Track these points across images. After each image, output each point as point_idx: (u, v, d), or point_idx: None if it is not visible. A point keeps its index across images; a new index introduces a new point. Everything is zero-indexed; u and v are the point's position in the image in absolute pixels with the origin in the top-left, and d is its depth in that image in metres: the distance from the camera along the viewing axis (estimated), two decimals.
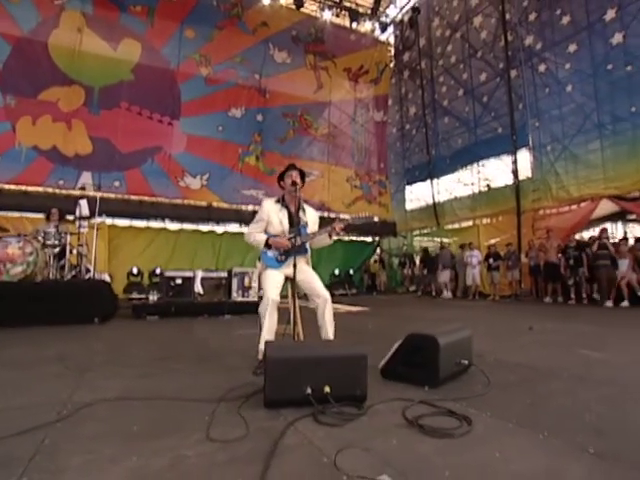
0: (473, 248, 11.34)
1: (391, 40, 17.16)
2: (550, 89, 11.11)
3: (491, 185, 13.55)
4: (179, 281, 6.63)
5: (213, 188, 12.63)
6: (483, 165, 13.75)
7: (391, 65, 16.83)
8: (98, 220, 6.86)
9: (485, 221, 13.31)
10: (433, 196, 15.52)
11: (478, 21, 13.32)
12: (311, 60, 14.69)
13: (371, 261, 16.05)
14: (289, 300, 3.24)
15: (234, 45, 13.36)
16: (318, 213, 3.49)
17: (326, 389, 2.05)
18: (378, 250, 16.84)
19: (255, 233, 3.20)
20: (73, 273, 6.51)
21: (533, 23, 11.58)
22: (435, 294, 12.44)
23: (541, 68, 11.34)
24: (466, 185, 14.42)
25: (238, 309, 6.84)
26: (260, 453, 1.57)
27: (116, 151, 11.63)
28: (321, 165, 14.97)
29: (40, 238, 6.23)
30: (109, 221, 10.50)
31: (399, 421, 1.92)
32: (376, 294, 14.08)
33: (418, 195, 16.91)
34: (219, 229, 12.90)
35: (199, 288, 6.83)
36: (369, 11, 15.77)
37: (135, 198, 11.78)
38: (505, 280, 10.93)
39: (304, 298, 3.10)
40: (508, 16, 12.21)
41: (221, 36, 13.13)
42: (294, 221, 3.19)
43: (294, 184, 3.15)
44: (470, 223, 13.78)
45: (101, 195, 7.55)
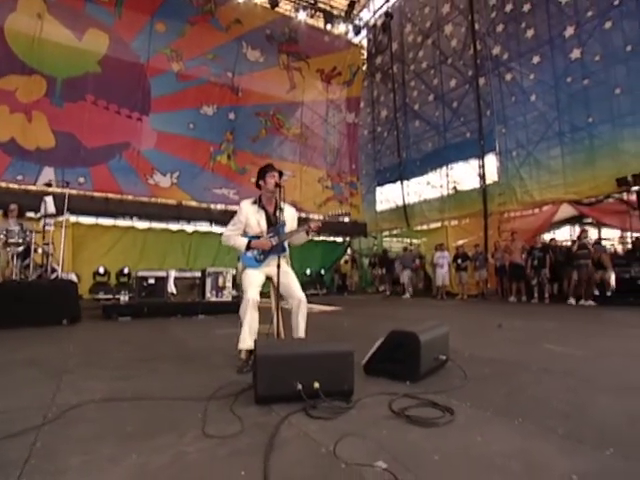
0: (443, 249, 11.73)
1: (364, 43, 17.52)
2: (516, 98, 11.72)
3: (458, 188, 14.06)
4: (152, 281, 6.51)
5: (183, 186, 12.43)
6: (452, 168, 14.25)
7: (364, 68, 17.15)
8: (65, 218, 6.63)
9: (453, 223, 13.78)
10: (403, 198, 15.92)
11: (449, 29, 13.81)
12: (284, 60, 14.72)
13: (341, 261, 16.24)
14: (271, 299, 3.30)
15: (206, 41, 13.20)
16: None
17: (316, 385, 2.14)
18: (349, 250, 17.08)
19: (234, 236, 3.24)
20: (38, 273, 6.27)
21: (500, 34, 12.17)
22: (389, 293, 13.10)
23: (507, 77, 11.93)
24: (435, 187, 14.89)
25: (212, 309, 6.80)
26: (259, 446, 1.64)
27: (81, 146, 11.21)
28: (293, 165, 15.02)
29: (1, 236, 5.98)
30: (73, 219, 10.14)
31: (386, 413, 2.04)
32: (347, 294, 14.28)
33: (388, 196, 17.30)
34: (189, 228, 12.71)
35: (172, 288, 6.74)
36: (343, 13, 16.01)
37: (101, 195, 11.42)
38: (472, 280, 11.38)
39: (281, 297, 3.16)
40: (477, 26, 12.75)
41: (193, 32, 12.94)
42: (272, 221, 3.26)
43: (277, 185, 3.22)
44: (439, 225, 14.23)
45: (62, 191, 7.30)
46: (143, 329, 5.38)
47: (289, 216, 3.37)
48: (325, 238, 15.78)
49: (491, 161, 12.74)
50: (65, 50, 11.17)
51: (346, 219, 15.34)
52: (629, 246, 9.36)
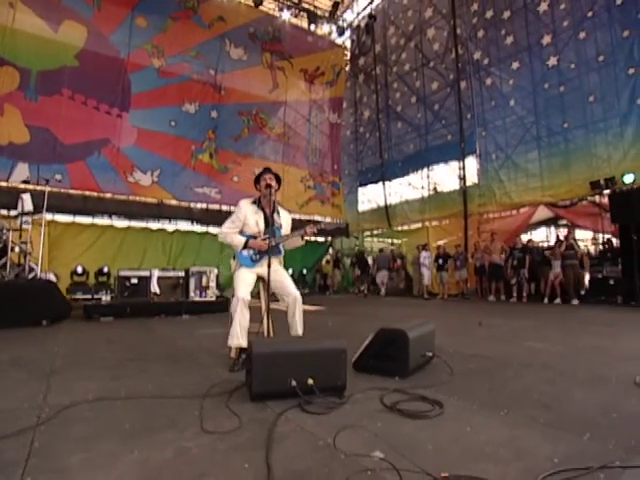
0: (427, 249, 11.93)
1: (348, 44, 17.62)
2: (495, 102, 12.03)
3: (439, 189, 14.34)
4: (134, 280, 6.44)
5: (164, 185, 12.25)
6: (433, 170, 14.52)
7: (347, 68, 17.25)
8: (45, 216, 6.49)
9: (434, 223, 14.04)
10: (385, 198, 16.11)
11: (431, 33, 14.05)
12: (268, 59, 14.69)
13: (323, 261, 16.32)
14: (261, 299, 3.35)
15: (189, 38, 13.05)
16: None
17: (310, 381, 2.20)
18: (331, 250, 17.19)
19: (232, 234, 3.27)
20: (16, 272, 6.11)
21: (481, 40, 12.47)
22: (362, 292, 13.52)
23: (488, 82, 12.24)
24: (416, 188, 15.14)
25: (196, 309, 6.78)
26: (258, 441, 1.70)
27: (57, 142, 10.89)
28: (275, 165, 14.96)
29: None
30: (49, 217, 9.88)
31: (378, 407, 2.12)
32: (329, 294, 14.37)
33: (370, 197, 17.47)
34: (170, 227, 12.54)
35: (155, 288, 6.68)
36: (327, 14, 16.08)
37: (79, 193, 11.16)
38: (453, 280, 11.63)
39: (272, 298, 3.19)
40: (459, 31, 13.03)
41: (175, 28, 12.77)
42: (269, 223, 3.31)
43: (268, 187, 3.27)
44: (420, 225, 14.47)
45: (42, 189, 7.13)
46: (128, 329, 5.33)
47: (285, 219, 3.42)
48: (307, 238, 15.81)
49: (471, 163, 13.04)
50: (40, 42, 10.80)
51: (343, 225, 15.62)
52: (600, 247, 9.77)
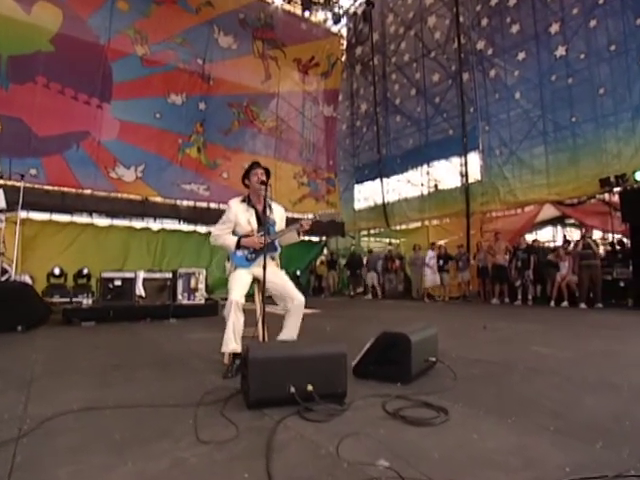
0: (433, 249, 11.83)
1: (344, 32, 17.65)
2: (499, 94, 12.16)
3: (440, 187, 14.45)
4: (118, 283, 6.42)
5: (149, 181, 12.21)
6: (433, 166, 14.62)
7: (343, 59, 17.30)
8: (20, 214, 6.44)
9: (434, 222, 14.15)
10: (383, 196, 16.19)
11: (432, 21, 14.15)
12: (259, 47, 14.69)
13: (317, 262, 16.34)
14: (256, 301, 3.37)
15: (174, 24, 12.99)
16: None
17: (309, 387, 2.23)
18: (325, 250, 17.22)
19: (224, 235, 3.30)
20: None
21: (485, 28, 12.58)
22: (355, 294, 13.96)
23: (492, 73, 12.36)
24: (415, 186, 15.23)
25: (184, 312, 6.80)
26: (257, 450, 1.72)
27: (32, 134, 10.77)
28: (267, 160, 14.92)
29: None
30: (23, 214, 9.79)
31: (381, 414, 2.15)
32: (324, 296, 14.41)
33: (367, 194, 17.57)
34: (155, 226, 12.51)
35: (141, 290, 6.68)
36: (322, 0, 16.10)
37: (56, 189, 11.07)
38: (454, 281, 11.73)
39: (268, 301, 3.21)
40: (462, 19, 13.13)
41: (159, 12, 12.70)
42: (262, 220, 3.34)
43: (263, 183, 3.29)
44: (419, 224, 14.57)
45: (13, 184, 7.09)
46: (112, 334, 5.32)
47: (278, 215, 3.46)
48: (303, 237, 15.82)
49: (474, 159, 13.17)
50: (10, 23, 10.57)
51: (339, 216, 15.60)
52: (610, 247, 9.87)
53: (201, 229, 12.99)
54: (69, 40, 11.34)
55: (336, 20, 16.86)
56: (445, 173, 14.43)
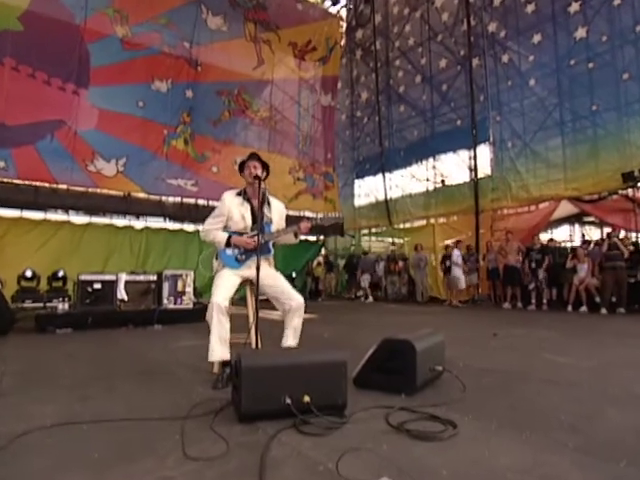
0: (459, 247, 11.59)
1: (343, 14, 17.64)
2: (512, 81, 12.09)
3: (447, 182, 14.47)
4: (98, 286, 6.40)
5: (131, 175, 12.13)
6: (439, 160, 14.63)
7: (342, 43, 17.26)
8: None
9: (440, 220, 14.16)
10: (385, 192, 16.18)
11: (439, 1, 14.09)
12: (251, 30, 14.63)
13: (314, 264, 16.34)
14: (248, 305, 3.36)
15: (158, 3, 12.88)
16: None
17: (306, 398, 2.22)
18: (323, 251, 17.23)
19: (214, 230, 3.29)
20: None
21: (497, 8, 12.45)
22: (355, 298, 14.26)
23: (504, 58, 12.28)
24: (420, 181, 15.25)
25: (171, 318, 6.79)
26: (250, 467, 1.71)
27: None
28: (260, 153, 14.72)
29: None
30: None
31: (384, 427, 2.16)
32: (321, 300, 14.42)
33: (368, 190, 17.57)
34: (138, 224, 12.46)
35: (122, 294, 6.66)
36: None
37: (28, 184, 11.00)
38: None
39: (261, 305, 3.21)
40: None
41: None
42: (257, 217, 3.32)
43: (256, 177, 3.28)
44: (424, 222, 14.59)
45: None
46: (90, 342, 5.30)
47: (277, 212, 3.45)
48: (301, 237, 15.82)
49: (483, 152, 13.18)
50: None
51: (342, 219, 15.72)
52: (632, 247, 9.85)
53: (188, 227, 12.95)
54: (40, 18, 11.14)
55: (335, 0, 16.84)
56: (452, 167, 14.43)
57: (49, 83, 11.35)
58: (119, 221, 12.22)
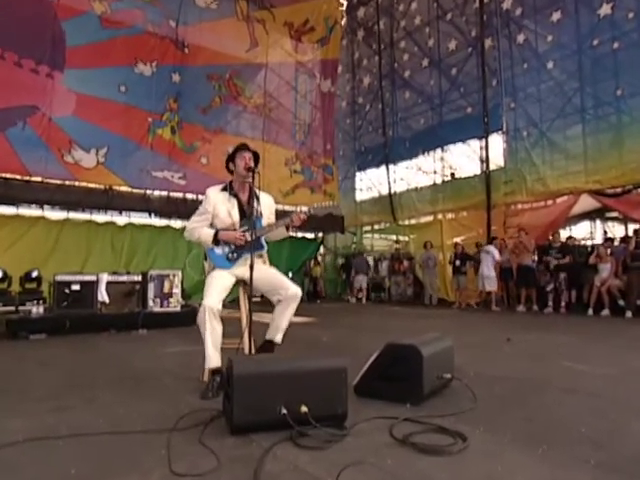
0: (495, 244, 11.16)
1: None
2: (528, 64, 12.06)
3: (456, 174, 14.48)
4: (76, 287, 6.40)
5: (113, 167, 12.09)
6: (448, 150, 14.64)
7: (342, 23, 17.24)
8: None
9: (449, 216, 14.17)
10: (389, 185, 16.20)
11: None
12: (243, 8, 14.59)
13: (311, 263, 16.35)
14: (241, 307, 3.36)
15: None
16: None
17: (303, 408, 2.22)
18: (322, 249, 17.24)
19: (199, 228, 3.29)
20: None
21: None
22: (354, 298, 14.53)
23: (520, 39, 12.24)
24: (427, 174, 15.26)
25: (156, 322, 6.81)
26: None
27: None
28: (254, 143, 14.69)
29: None
30: None
31: (388, 440, 2.16)
32: (320, 301, 14.47)
33: (370, 183, 17.59)
34: (121, 220, 12.45)
35: (104, 296, 6.67)
36: None
37: None
38: (472, 285, 11.75)
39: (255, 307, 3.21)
40: None
41: None
42: (246, 212, 3.33)
43: (250, 170, 3.28)
44: (431, 218, 14.60)
45: None
46: (67, 349, 5.29)
47: (266, 206, 3.45)
48: (293, 234, 15.85)
49: (496, 142, 13.20)
50: None
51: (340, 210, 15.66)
52: None
53: (176, 224, 12.91)
54: None
55: None
56: (462, 158, 14.48)
57: (20, 65, 11.23)
58: (100, 217, 12.22)
